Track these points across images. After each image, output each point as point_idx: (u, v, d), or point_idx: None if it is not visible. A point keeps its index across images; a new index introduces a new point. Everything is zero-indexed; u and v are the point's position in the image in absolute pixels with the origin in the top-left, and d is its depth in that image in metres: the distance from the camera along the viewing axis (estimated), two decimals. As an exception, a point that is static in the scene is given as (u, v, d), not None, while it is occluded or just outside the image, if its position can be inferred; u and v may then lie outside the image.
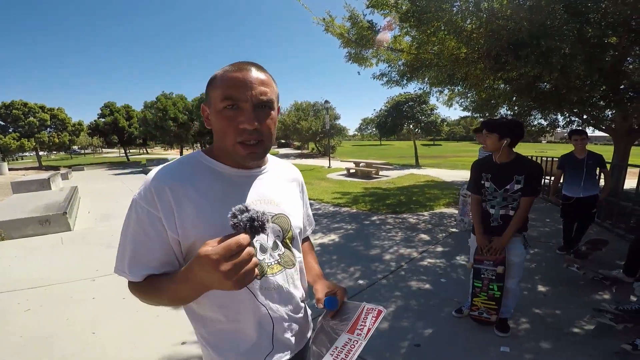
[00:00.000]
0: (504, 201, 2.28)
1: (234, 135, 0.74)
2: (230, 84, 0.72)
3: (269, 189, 0.85)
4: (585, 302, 2.90)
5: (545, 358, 2.20)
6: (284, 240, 0.85)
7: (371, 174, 13.59)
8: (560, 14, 3.41)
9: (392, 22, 4.68)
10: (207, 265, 0.58)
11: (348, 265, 3.90)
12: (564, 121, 8.39)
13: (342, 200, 7.94)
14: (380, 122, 22.37)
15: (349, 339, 0.84)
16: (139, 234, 0.73)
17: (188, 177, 0.76)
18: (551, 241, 4.56)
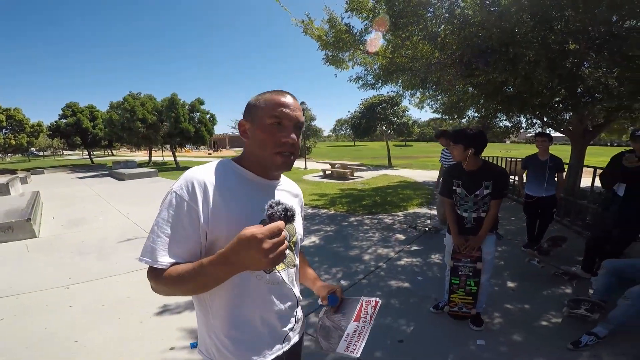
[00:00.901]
0: (475, 205, 2.43)
1: (274, 146, 0.89)
2: (278, 106, 0.89)
3: (283, 198, 0.97)
4: (550, 296, 3.11)
5: (518, 350, 2.34)
6: (292, 241, 0.97)
7: (346, 175, 13.74)
8: (527, 21, 3.65)
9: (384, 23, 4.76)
10: (253, 242, 0.69)
11: (330, 266, 3.94)
12: (526, 123, 8.90)
13: (320, 202, 7.98)
14: (354, 123, 22.65)
15: (357, 325, 1.01)
16: (176, 224, 0.81)
17: (222, 179, 0.88)
18: (517, 239, 4.83)
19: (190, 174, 0.86)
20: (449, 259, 2.68)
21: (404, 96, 8.79)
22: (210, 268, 0.75)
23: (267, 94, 0.93)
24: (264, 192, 0.95)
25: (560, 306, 2.84)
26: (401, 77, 6.45)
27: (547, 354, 2.27)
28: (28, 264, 4.28)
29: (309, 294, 2.40)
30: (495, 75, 4.28)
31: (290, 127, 0.90)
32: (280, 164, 0.91)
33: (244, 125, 0.94)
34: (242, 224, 0.76)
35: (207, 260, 0.75)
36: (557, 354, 2.27)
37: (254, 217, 0.84)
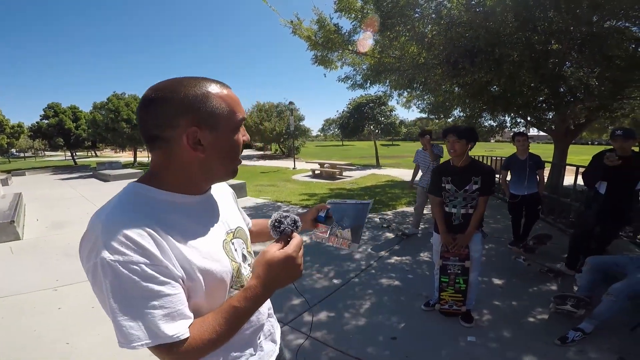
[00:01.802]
0: (464, 201, 2.48)
1: (240, 153, 0.75)
2: (237, 100, 0.73)
3: (222, 206, 0.84)
4: (536, 293, 3.18)
5: (508, 346, 2.38)
6: (247, 250, 0.87)
7: (335, 174, 13.76)
8: (512, 22, 3.73)
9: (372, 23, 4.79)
10: (290, 262, 0.70)
11: (322, 265, 3.94)
12: (511, 122, 9.09)
13: (310, 202, 7.97)
14: (342, 123, 22.71)
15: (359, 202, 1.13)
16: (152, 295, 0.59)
17: (156, 216, 0.65)
18: (503, 236, 4.90)
19: (113, 228, 0.59)
20: (437, 258, 2.72)
21: (391, 96, 8.88)
22: (250, 304, 0.68)
23: (209, 87, 0.68)
24: (205, 211, 0.78)
25: (546, 302, 2.91)
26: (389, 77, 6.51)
27: (536, 350, 2.31)
28: (13, 267, 4.18)
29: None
30: (481, 75, 4.37)
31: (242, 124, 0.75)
32: (237, 170, 0.78)
33: (196, 133, 0.66)
34: (213, 258, 0.70)
35: (239, 299, 0.67)
36: (545, 349, 2.32)
37: (217, 245, 0.74)
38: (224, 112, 0.68)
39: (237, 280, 0.76)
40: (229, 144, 0.71)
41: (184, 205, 0.72)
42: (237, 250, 0.81)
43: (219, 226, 0.78)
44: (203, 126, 0.66)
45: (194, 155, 0.68)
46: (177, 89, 0.65)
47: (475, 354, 2.31)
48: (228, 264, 0.73)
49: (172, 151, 0.68)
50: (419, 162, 5.07)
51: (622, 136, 3.01)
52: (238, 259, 0.79)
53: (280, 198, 8.50)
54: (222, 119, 0.68)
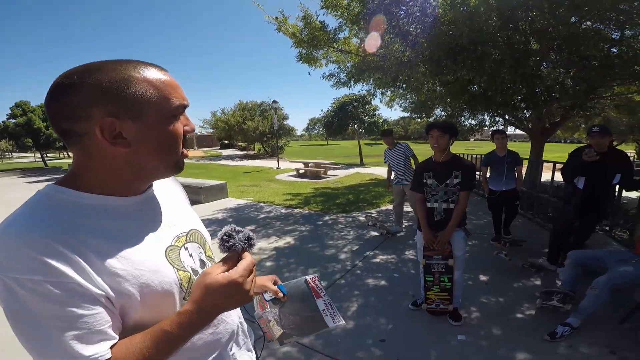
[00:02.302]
0: (445, 195, 2.50)
1: (180, 145, 0.64)
2: (173, 85, 0.62)
3: (168, 207, 0.74)
4: (521, 289, 3.21)
5: (498, 343, 2.37)
6: (206, 255, 0.79)
7: (320, 174, 13.72)
8: (495, 21, 3.78)
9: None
10: (234, 288, 0.61)
11: (306, 267, 3.86)
12: (490, 121, 9.31)
13: (293, 202, 7.87)
14: (327, 122, 22.69)
15: (323, 301, 1.02)
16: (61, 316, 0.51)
17: (72, 224, 0.56)
18: (485, 232, 4.98)
19: (8, 238, 0.51)
20: (421, 256, 2.71)
21: (375, 95, 8.91)
22: (183, 331, 0.59)
23: (132, 71, 0.59)
24: (145, 214, 0.68)
25: (532, 297, 2.94)
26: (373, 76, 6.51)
27: (527, 346, 2.31)
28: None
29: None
30: (463, 73, 4.42)
31: (184, 112, 0.66)
32: (182, 164, 0.67)
33: (113, 125, 0.56)
34: (150, 269, 0.61)
35: (172, 324, 0.59)
36: (535, 345, 2.32)
37: (157, 253, 0.64)
38: (151, 98, 0.58)
39: (190, 291, 0.67)
40: (163, 136, 0.61)
41: (115, 209, 0.62)
42: (192, 256, 0.72)
43: (163, 231, 0.68)
44: (123, 116, 0.57)
45: (116, 151, 0.58)
46: (90, 74, 0.56)
47: (466, 352, 2.29)
48: (172, 273, 0.64)
49: (89, 147, 0.58)
50: (389, 161, 5.09)
51: (598, 133, 3.09)
52: (193, 265, 0.71)
53: (263, 198, 8.36)
54: (149, 106, 0.58)
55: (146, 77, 0.59)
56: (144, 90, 0.58)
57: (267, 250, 4.53)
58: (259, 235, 5.21)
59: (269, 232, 5.39)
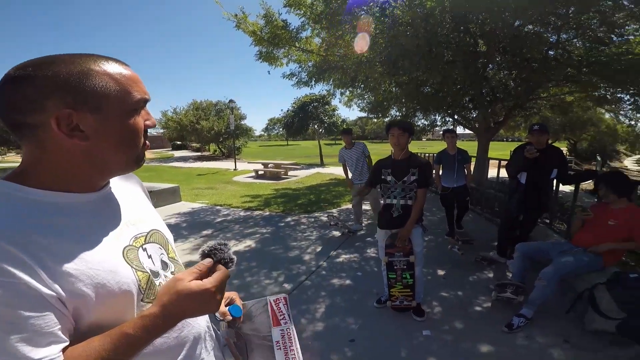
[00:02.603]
0: (403, 192, 2.57)
1: (141, 139, 0.63)
2: (135, 79, 0.62)
3: (128, 206, 0.72)
4: (477, 282, 3.36)
5: (462, 337, 2.43)
6: (169, 256, 0.76)
7: (280, 174, 13.55)
8: (449, 23, 3.95)
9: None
10: (206, 296, 0.62)
11: (270, 270, 3.72)
12: (440, 121, 9.82)
13: (253, 204, 7.64)
14: (287, 122, 22.53)
15: (281, 330, 0.91)
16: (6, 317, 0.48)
17: (20, 222, 0.53)
18: (439, 228, 5.17)
19: None
20: (382, 254, 2.74)
21: (334, 95, 8.98)
22: (145, 334, 0.57)
23: (92, 64, 0.57)
24: (102, 211, 0.65)
25: (487, 290, 3.07)
26: (333, 76, 6.54)
27: (488, 339, 2.38)
28: None
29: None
30: (418, 74, 4.58)
31: (145, 107, 0.65)
32: (142, 158, 0.66)
33: (71, 117, 0.54)
34: (105, 268, 0.58)
35: (135, 326, 0.57)
36: (495, 337, 2.40)
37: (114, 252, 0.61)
38: (112, 92, 0.58)
39: (149, 293, 0.65)
40: (123, 129, 0.60)
41: (68, 205, 0.60)
42: (151, 257, 0.70)
43: (121, 230, 0.66)
44: (81, 108, 0.55)
45: (73, 144, 0.56)
46: (46, 66, 0.54)
47: (433, 347, 2.32)
48: (130, 274, 0.62)
49: (44, 140, 0.56)
50: (345, 160, 5.05)
51: (538, 131, 3.33)
52: (152, 267, 0.69)
53: (220, 201, 8.02)
54: (109, 99, 0.58)
55: (106, 71, 0.58)
56: (104, 83, 0.57)
57: (227, 255, 4.32)
58: (217, 240, 4.96)
59: (227, 235, 5.16)
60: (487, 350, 2.27)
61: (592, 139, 19.53)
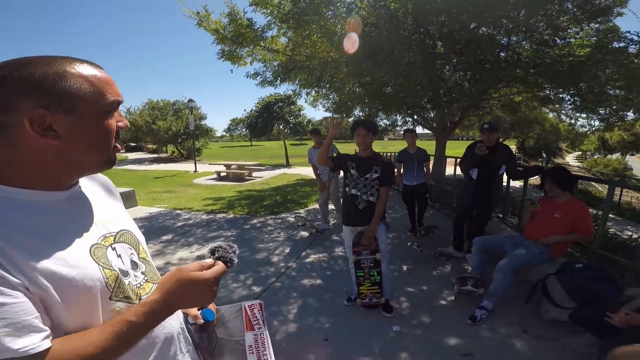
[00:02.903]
0: (365, 188, 2.61)
1: (112, 140, 0.65)
2: (109, 81, 0.64)
3: (97, 206, 0.73)
4: (439, 276, 3.47)
5: (430, 330, 2.49)
6: (139, 256, 0.77)
7: (244, 176, 13.26)
8: (410, 24, 4.07)
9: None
10: (204, 286, 0.68)
11: (237, 273, 3.59)
12: (401, 121, 10.17)
13: (216, 207, 7.38)
14: (251, 122, 22.10)
15: (254, 334, 0.94)
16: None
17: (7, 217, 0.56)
18: (402, 225, 5.33)
19: None
20: (349, 253, 2.77)
21: (300, 95, 8.94)
22: (147, 320, 0.62)
23: (67, 66, 0.59)
24: (75, 208, 0.66)
25: (449, 284, 3.19)
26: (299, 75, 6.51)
27: (454, 331, 2.46)
28: None
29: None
30: (381, 75, 4.69)
31: (118, 109, 0.67)
32: (114, 160, 0.68)
33: (44, 117, 0.56)
34: (69, 264, 0.58)
35: (137, 314, 0.61)
36: (461, 329, 2.49)
37: (80, 249, 0.62)
38: (86, 93, 0.60)
39: (118, 291, 0.65)
40: (96, 130, 0.62)
41: (35, 203, 0.61)
42: (120, 257, 0.70)
43: (89, 229, 0.67)
44: (55, 109, 0.57)
45: (46, 143, 0.58)
46: (21, 67, 0.56)
47: (404, 342, 2.36)
48: (96, 271, 0.62)
49: (17, 139, 0.57)
50: (313, 159, 4.98)
51: (488, 129, 3.54)
52: (122, 266, 0.69)
53: (180, 205, 7.65)
54: (83, 101, 0.59)
55: (81, 73, 0.60)
56: (78, 85, 0.59)
57: (189, 260, 4.13)
58: (178, 244, 4.75)
59: (189, 240, 4.93)
60: (454, 343, 2.34)
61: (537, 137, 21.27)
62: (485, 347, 2.29)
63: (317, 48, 5.31)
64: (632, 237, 4.25)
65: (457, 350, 2.26)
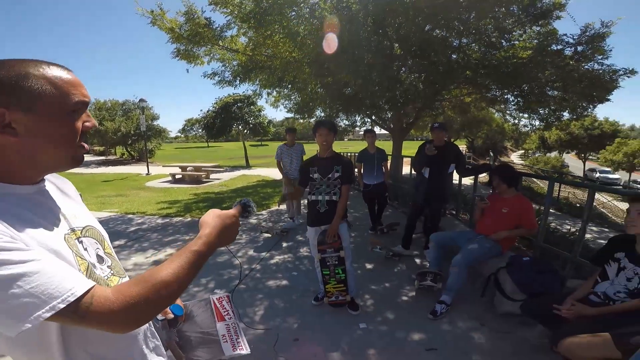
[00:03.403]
0: (328, 188, 2.66)
1: (78, 139, 0.67)
2: (75, 82, 0.66)
3: (62, 202, 0.76)
4: (400, 273, 3.56)
5: (395, 326, 2.54)
6: (105, 251, 0.80)
7: (201, 178, 12.75)
8: (370, 26, 4.17)
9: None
10: (234, 221, 0.83)
11: (198, 277, 3.43)
12: (360, 122, 10.39)
13: (171, 210, 7.01)
14: (207, 123, 21.32)
15: (226, 325, 0.97)
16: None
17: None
18: (363, 223, 5.41)
19: None
20: (314, 252, 2.79)
21: (260, 95, 8.79)
22: (207, 249, 0.73)
23: (31, 68, 0.62)
24: (44, 203, 0.70)
25: (410, 280, 3.28)
26: (260, 75, 6.40)
27: (418, 327, 2.52)
28: None
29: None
30: (343, 75, 4.76)
31: (85, 109, 0.70)
32: (80, 159, 0.71)
33: (3, 115, 0.59)
34: (51, 248, 0.61)
35: (198, 244, 0.72)
36: (424, 324, 2.56)
37: (57, 236, 0.65)
38: (47, 93, 0.62)
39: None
40: (59, 129, 0.64)
41: (6, 194, 0.63)
42: (87, 250, 0.73)
43: (58, 222, 0.70)
44: (14, 108, 0.60)
45: (4, 140, 0.61)
46: None
47: (371, 339, 2.39)
48: (71, 258, 0.65)
49: None
50: (283, 157, 5.07)
51: (437, 128, 3.74)
52: (89, 259, 0.72)
53: (132, 209, 7.17)
54: (44, 100, 0.62)
55: (44, 74, 0.62)
56: (39, 85, 0.61)
57: (145, 266, 3.91)
58: (132, 249, 4.48)
59: (144, 245, 4.64)
60: (419, 338, 2.40)
61: (485, 136, 22.87)
62: (447, 341, 2.36)
63: (279, 48, 5.26)
64: (570, 231, 4.59)
65: (422, 345, 2.32)
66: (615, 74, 5.45)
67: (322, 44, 4.46)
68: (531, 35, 5.74)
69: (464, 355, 2.22)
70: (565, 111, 6.73)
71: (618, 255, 1.90)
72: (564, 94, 5.90)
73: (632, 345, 1.51)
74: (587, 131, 30.02)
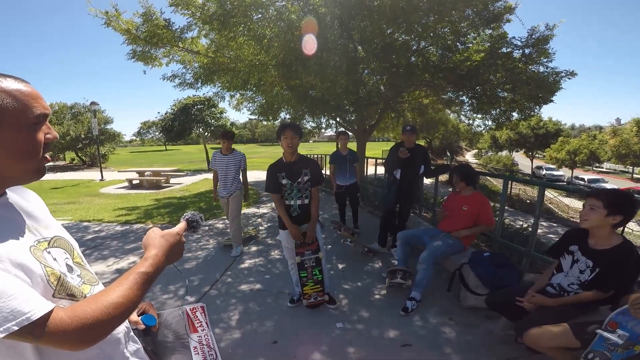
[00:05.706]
0: (299, 192, 2.65)
1: (41, 151, 0.68)
2: (34, 95, 0.66)
3: (27, 214, 0.75)
4: (371, 271, 3.65)
5: (370, 324, 2.60)
6: (74, 261, 0.79)
7: (161, 183, 12.18)
8: (337, 29, 4.25)
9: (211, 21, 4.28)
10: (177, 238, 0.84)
11: (165, 284, 3.29)
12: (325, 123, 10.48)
13: (131, 217, 6.65)
14: (166, 125, 20.37)
15: (198, 336, 0.97)
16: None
17: None
18: (334, 224, 5.54)
19: None
20: (289, 254, 2.79)
21: (223, 97, 8.58)
22: (154, 270, 0.74)
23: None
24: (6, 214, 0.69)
25: (381, 278, 3.37)
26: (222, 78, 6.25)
27: (392, 323, 2.59)
28: None
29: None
30: (310, 78, 4.81)
31: (45, 121, 0.70)
32: (43, 170, 0.71)
33: None
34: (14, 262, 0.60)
35: (145, 266, 0.73)
36: (397, 321, 2.63)
37: (21, 248, 0.64)
38: (8, 107, 0.62)
39: (61, 289, 0.67)
40: (21, 142, 0.64)
41: None
42: (56, 260, 0.72)
43: (23, 234, 0.69)
44: None
45: None
46: None
47: (349, 338, 2.43)
48: (38, 268, 0.64)
49: None
50: (217, 166, 4.17)
51: (409, 131, 3.92)
52: (59, 268, 0.71)
53: (87, 217, 6.70)
54: (5, 114, 0.62)
55: (3, 88, 0.62)
56: (0, 99, 0.60)
57: (108, 274, 3.69)
58: (91, 257, 4.21)
59: (104, 253, 4.37)
60: (393, 335, 2.47)
61: (442, 137, 24.01)
62: (420, 337, 2.44)
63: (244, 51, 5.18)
64: (523, 227, 4.91)
65: (397, 342, 2.39)
66: (557, 76, 5.84)
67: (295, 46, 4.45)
68: (484, 39, 6.05)
69: (436, 349, 2.30)
70: (514, 112, 7.09)
71: (572, 248, 1.96)
72: (514, 95, 6.21)
73: (589, 334, 1.59)
74: (534, 131, 31.97)
